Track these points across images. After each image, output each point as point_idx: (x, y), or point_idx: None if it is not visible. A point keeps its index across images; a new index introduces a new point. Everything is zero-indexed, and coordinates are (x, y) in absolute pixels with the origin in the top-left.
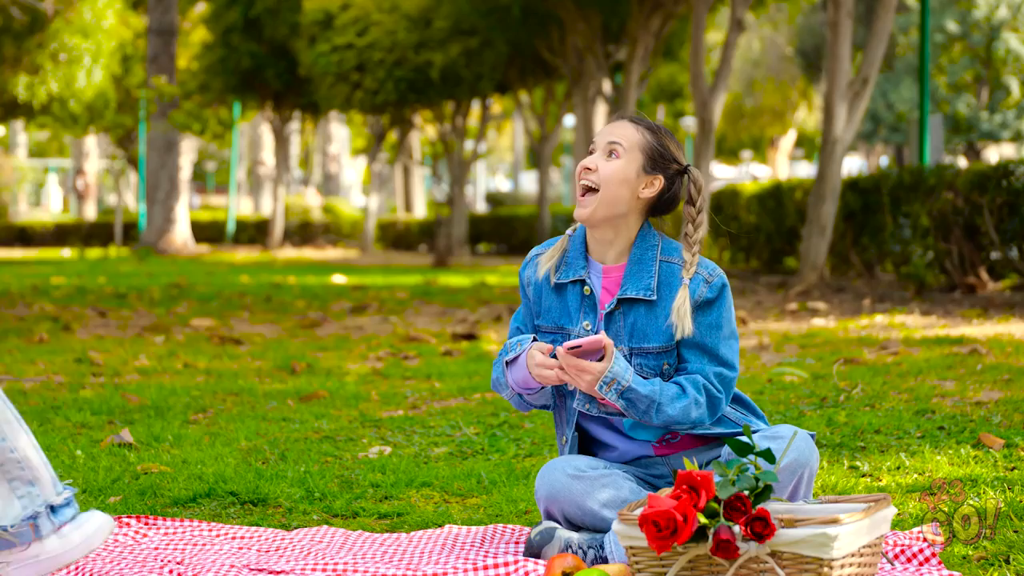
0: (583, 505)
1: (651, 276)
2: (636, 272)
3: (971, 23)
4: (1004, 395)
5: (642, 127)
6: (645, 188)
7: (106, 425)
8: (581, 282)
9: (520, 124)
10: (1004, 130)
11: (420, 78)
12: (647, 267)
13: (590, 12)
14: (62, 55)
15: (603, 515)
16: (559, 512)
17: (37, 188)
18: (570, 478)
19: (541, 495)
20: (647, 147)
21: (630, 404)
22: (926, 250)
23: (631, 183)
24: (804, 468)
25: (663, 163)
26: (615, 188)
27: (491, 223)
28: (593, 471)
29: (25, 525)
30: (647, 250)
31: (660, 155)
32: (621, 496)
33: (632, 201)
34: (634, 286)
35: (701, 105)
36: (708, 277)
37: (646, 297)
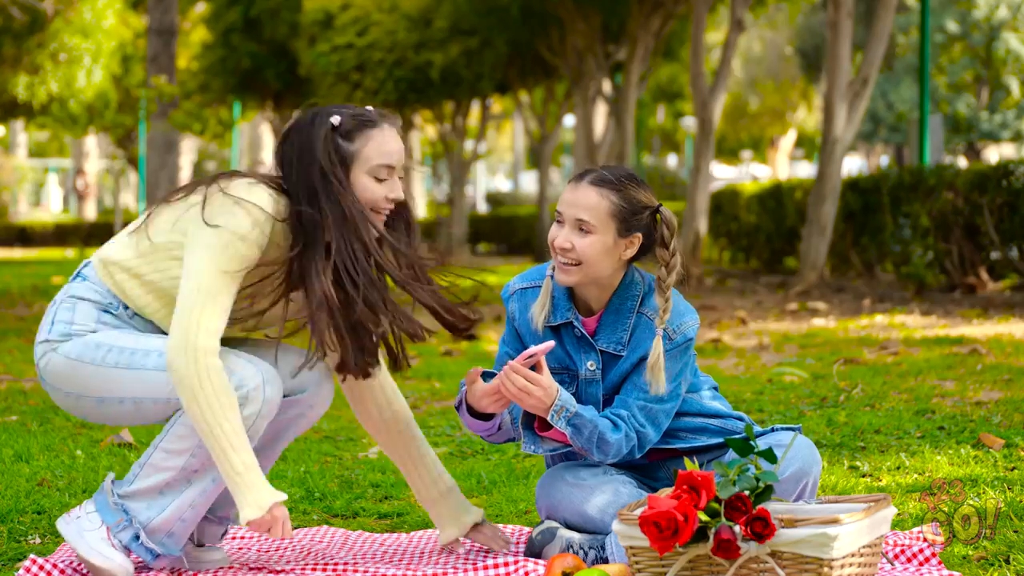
0: (583, 512)
1: (625, 331)
2: (611, 324)
3: (971, 23)
4: (1004, 395)
5: (605, 190)
6: (626, 250)
7: (106, 425)
8: (570, 325)
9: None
10: (1004, 130)
11: (420, 78)
12: (623, 320)
13: (590, 12)
14: (62, 55)
15: (604, 521)
16: (560, 520)
17: (37, 188)
18: (570, 487)
19: (541, 505)
20: (616, 211)
21: (576, 432)
22: (926, 250)
23: (611, 251)
24: (808, 477)
25: (636, 219)
26: (598, 261)
27: (491, 223)
28: (593, 478)
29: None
30: (626, 300)
31: (631, 213)
32: (620, 501)
33: (617, 265)
34: (606, 339)
35: (701, 105)
36: (672, 334)
37: (616, 352)
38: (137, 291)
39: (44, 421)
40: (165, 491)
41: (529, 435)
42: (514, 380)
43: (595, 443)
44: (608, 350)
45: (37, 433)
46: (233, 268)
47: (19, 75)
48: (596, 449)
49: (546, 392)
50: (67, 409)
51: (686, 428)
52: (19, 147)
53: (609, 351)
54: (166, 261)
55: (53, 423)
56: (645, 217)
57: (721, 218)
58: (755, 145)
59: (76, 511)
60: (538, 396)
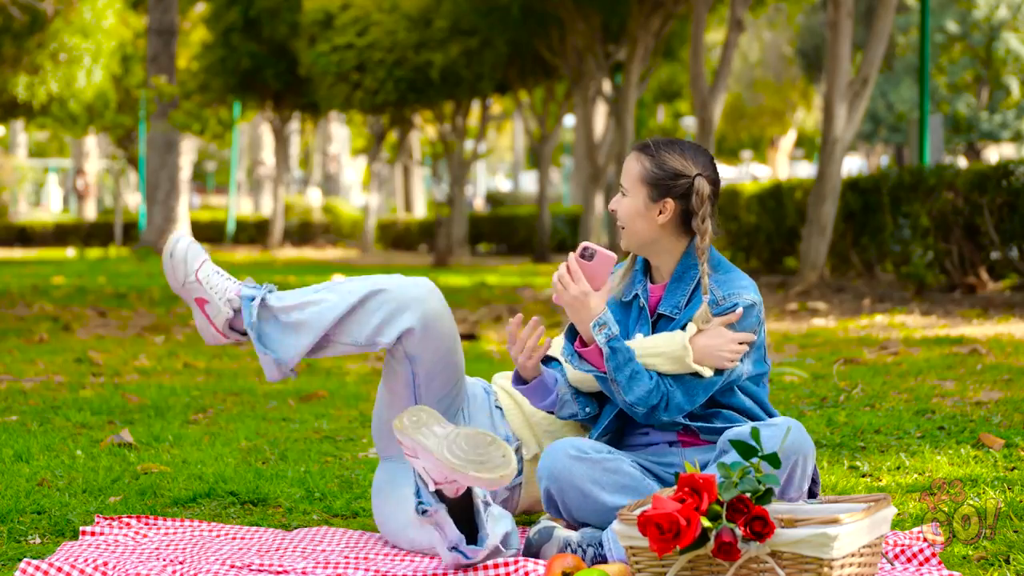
0: (582, 487)
1: (683, 296)
2: (673, 290)
3: (971, 23)
4: (1004, 395)
5: (642, 155)
6: (660, 215)
7: (106, 425)
8: (637, 297)
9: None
10: (1004, 130)
11: (420, 78)
12: (683, 286)
13: (590, 12)
14: (62, 55)
15: (602, 499)
16: (557, 493)
17: (37, 188)
18: (572, 459)
19: (542, 476)
20: (647, 177)
21: (612, 355)
22: (926, 250)
23: (644, 215)
24: (797, 455)
25: (667, 186)
26: (633, 223)
27: (491, 223)
28: (596, 454)
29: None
30: (688, 269)
31: (660, 179)
32: (621, 482)
33: (655, 229)
34: (666, 303)
35: (701, 105)
36: (720, 299)
37: (671, 315)
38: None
39: (44, 421)
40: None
41: (570, 349)
42: (570, 288)
43: (627, 376)
44: (666, 313)
45: (37, 433)
46: None
47: (19, 75)
48: (627, 383)
49: (588, 296)
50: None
51: (722, 419)
52: (19, 147)
53: (666, 314)
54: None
55: (53, 423)
56: (681, 184)
57: (721, 218)
58: (755, 145)
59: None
60: (574, 293)
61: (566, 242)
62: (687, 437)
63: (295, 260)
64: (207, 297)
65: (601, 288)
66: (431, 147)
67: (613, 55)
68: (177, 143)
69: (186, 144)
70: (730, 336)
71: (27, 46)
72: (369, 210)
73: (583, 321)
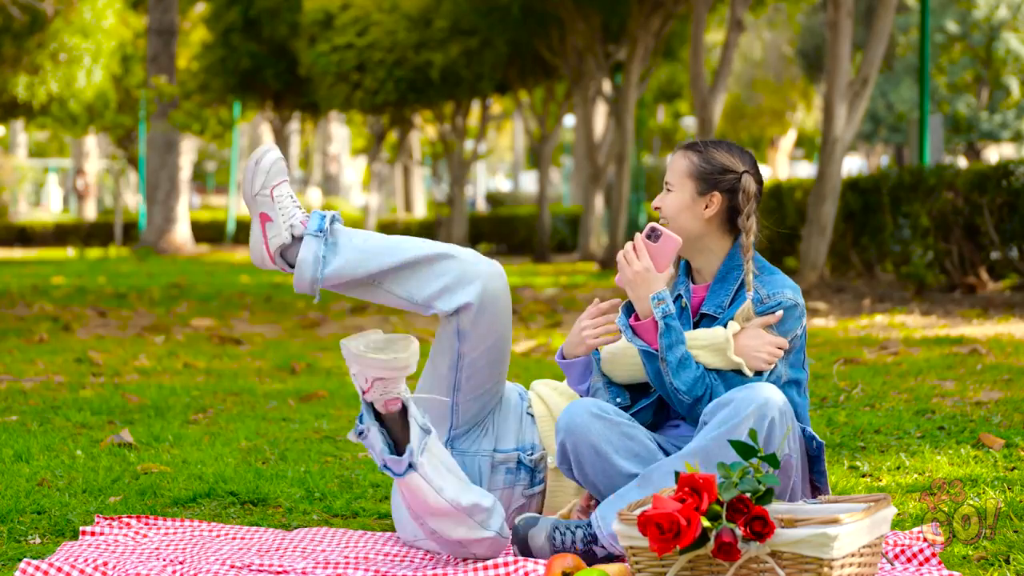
0: (596, 445)
1: (727, 295)
2: (717, 290)
3: (971, 23)
4: (1004, 395)
5: (688, 152)
6: (706, 209)
7: (106, 425)
8: (679, 297)
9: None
10: (1004, 130)
11: (420, 78)
12: (727, 286)
13: (590, 12)
14: (62, 55)
15: (613, 460)
16: (571, 447)
17: (37, 188)
18: (592, 416)
19: (560, 426)
20: (694, 170)
21: (668, 331)
22: (926, 250)
23: (691, 209)
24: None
25: (714, 179)
26: (679, 218)
27: (491, 223)
28: (616, 416)
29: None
30: (732, 269)
31: (708, 173)
32: (634, 449)
33: (701, 224)
34: (710, 303)
35: (701, 105)
36: (765, 298)
37: (714, 313)
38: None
39: (44, 421)
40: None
41: (625, 322)
42: (633, 263)
43: (677, 358)
44: (709, 312)
45: (37, 433)
46: None
47: (19, 75)
48: (676, 365)
49: (649, 273)
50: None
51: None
52: (19, 147)
53: (710, 313)
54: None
55: (53, 423)
56: (728, 179)
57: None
58: (755, 145)
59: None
60: (637, 269)
61: (566, 242)
62: None
63: None
64: (272, 216)
65: (664, 270)
66: (431, 147)
67: (613, 55)
68: (177, 143)
69: (186, 144)
70: (769, 339)
71: (27, 46)
72: (369, 210)
73: (642, 297)
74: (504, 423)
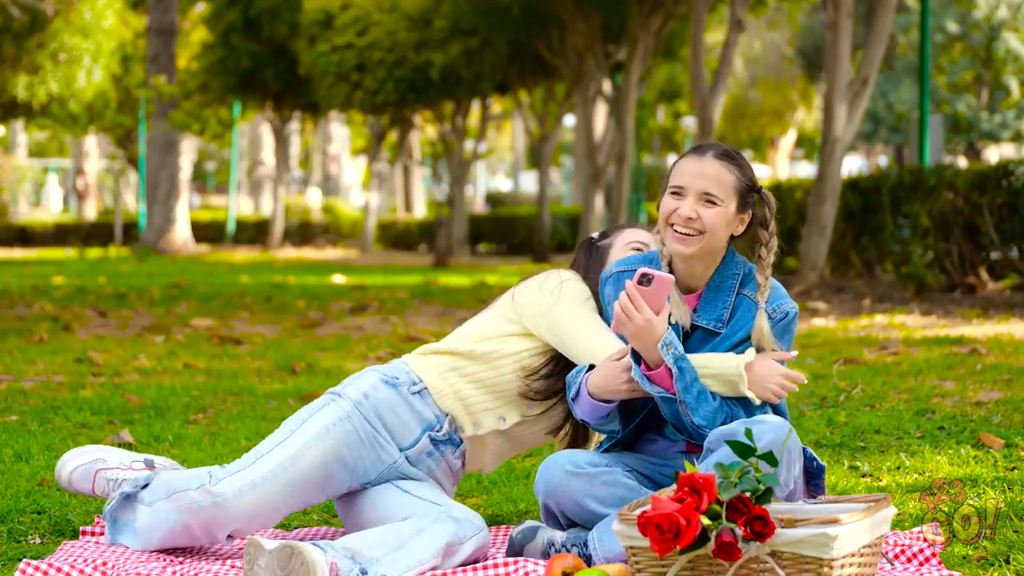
0: (580, 502)
1: (725, 308)
2: (711, 300)
3: (971, 23)
4: (1004, 395)
5: (730, 164)
6: (739, 226)
7: (106, 425)
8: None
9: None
10: (1004, 130)
11: (420, 78)
12: (723, 297)
13: (590, 12)
14: (62, 55)
15: (601, 512)
16: (556, 507)
17: (37, 188)
18: (568, 475)
19: (540, 489)
20: (739, 187)
21: (681, 374)
22: (926, 250)
23: (730, 224)
24: (790, 455)
25: (750, 198)
26: (718, 234)
27: (491, 223)
28: (592, 467)
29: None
30: (726, 279)
31: (748, 190)
32: (619, 494)
33: (725, 240)
34: (706, 316)
35: (701, 105)
36: (773, 313)
37: (715, 329)
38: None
39: (44, 421)
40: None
41: (640, 373)
42: (635, 318)
43: (695, 395)
44: (707, 326)
45: (37, 433)
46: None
47: (19, 75)
48: (695, 403)
49: (652, 323)
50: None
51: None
52: (19, 147)
53: (708, 327)
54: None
55: (53, 423)
56: (752, 196)
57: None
58: (755, 145)
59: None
60: (639, 323)
61: (566, 242)
62: (696, 448)
63: (295, 260)
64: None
65: (661, 311)
66: (431, 147)
67: (613, 55)
68: (177, 143)
69: (186, 144)
70: (780, 370)
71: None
72: (369, 210)
73: (650, 347)
74: (398, 423)
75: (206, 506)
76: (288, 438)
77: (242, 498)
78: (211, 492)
